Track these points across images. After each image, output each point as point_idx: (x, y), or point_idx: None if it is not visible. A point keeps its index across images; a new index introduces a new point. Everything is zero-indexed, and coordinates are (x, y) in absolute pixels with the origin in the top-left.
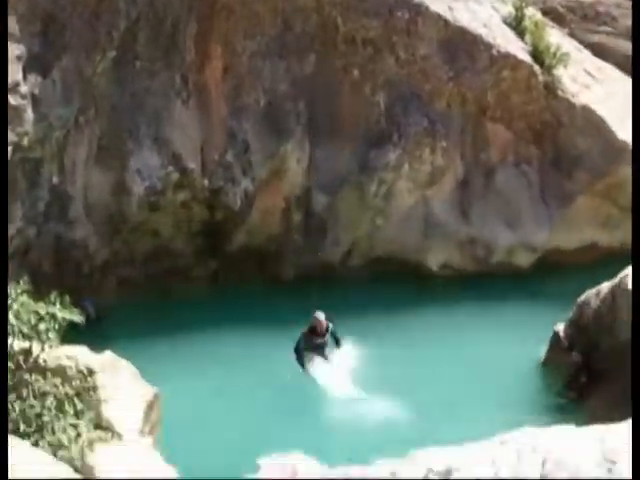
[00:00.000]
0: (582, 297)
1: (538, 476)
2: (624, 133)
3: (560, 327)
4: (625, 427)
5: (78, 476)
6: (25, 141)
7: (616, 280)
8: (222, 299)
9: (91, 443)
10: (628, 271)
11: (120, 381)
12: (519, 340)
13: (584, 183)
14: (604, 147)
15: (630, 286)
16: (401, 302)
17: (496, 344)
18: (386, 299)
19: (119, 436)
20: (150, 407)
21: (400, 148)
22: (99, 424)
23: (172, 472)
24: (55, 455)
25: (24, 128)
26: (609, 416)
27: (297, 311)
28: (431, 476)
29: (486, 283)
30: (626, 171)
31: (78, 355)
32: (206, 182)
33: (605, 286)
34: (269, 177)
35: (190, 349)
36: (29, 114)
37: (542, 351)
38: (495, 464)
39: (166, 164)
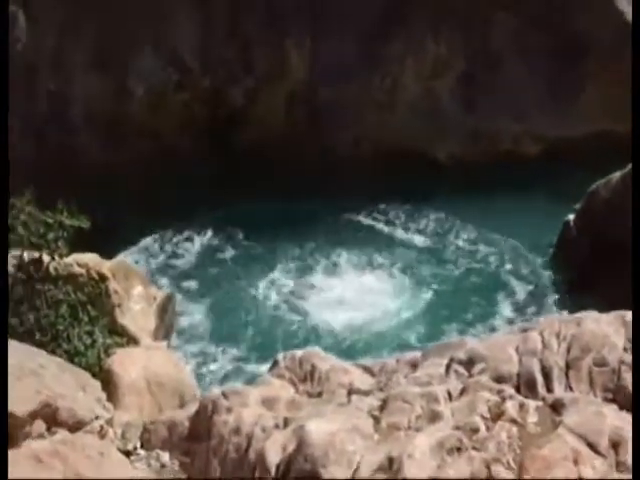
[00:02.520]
0: (592, 187)
1: (563, 363)
2: None
3: (570, 217)
4: None
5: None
6: (18, 47)
7: (627, 170)
8: (226, 199)
9: (107, 348)
10: None
11: (132, 286)
12: (529, 229)
13: (593, 71)
14: (614, 31)
15: None
16: (411, 192)
17: (506, 233)
18: (396, 190)
19: (134, 340)
20: (163, 311)
21: (404, 40)
22: (114, 329)
23: (188, 373)
24: (72, 362)
25: (16, 34)
26: (619, 303)
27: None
28: (454, 366)
29: (494, 173)
30: None
31: (89, 262)
32: (207, 82)
33: (616, 176)
34: (271, 73)
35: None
36: (21, 20)
37: (552, 240)
38: (519, 352)
39: (166, 65)
